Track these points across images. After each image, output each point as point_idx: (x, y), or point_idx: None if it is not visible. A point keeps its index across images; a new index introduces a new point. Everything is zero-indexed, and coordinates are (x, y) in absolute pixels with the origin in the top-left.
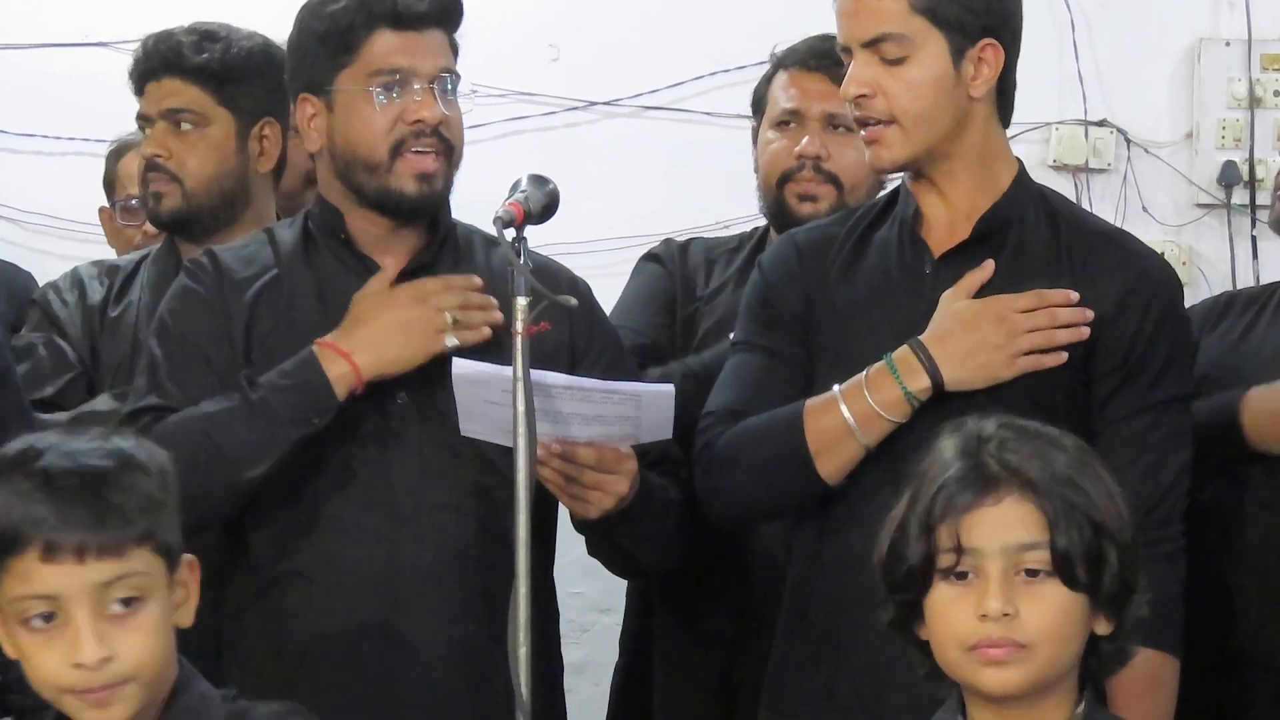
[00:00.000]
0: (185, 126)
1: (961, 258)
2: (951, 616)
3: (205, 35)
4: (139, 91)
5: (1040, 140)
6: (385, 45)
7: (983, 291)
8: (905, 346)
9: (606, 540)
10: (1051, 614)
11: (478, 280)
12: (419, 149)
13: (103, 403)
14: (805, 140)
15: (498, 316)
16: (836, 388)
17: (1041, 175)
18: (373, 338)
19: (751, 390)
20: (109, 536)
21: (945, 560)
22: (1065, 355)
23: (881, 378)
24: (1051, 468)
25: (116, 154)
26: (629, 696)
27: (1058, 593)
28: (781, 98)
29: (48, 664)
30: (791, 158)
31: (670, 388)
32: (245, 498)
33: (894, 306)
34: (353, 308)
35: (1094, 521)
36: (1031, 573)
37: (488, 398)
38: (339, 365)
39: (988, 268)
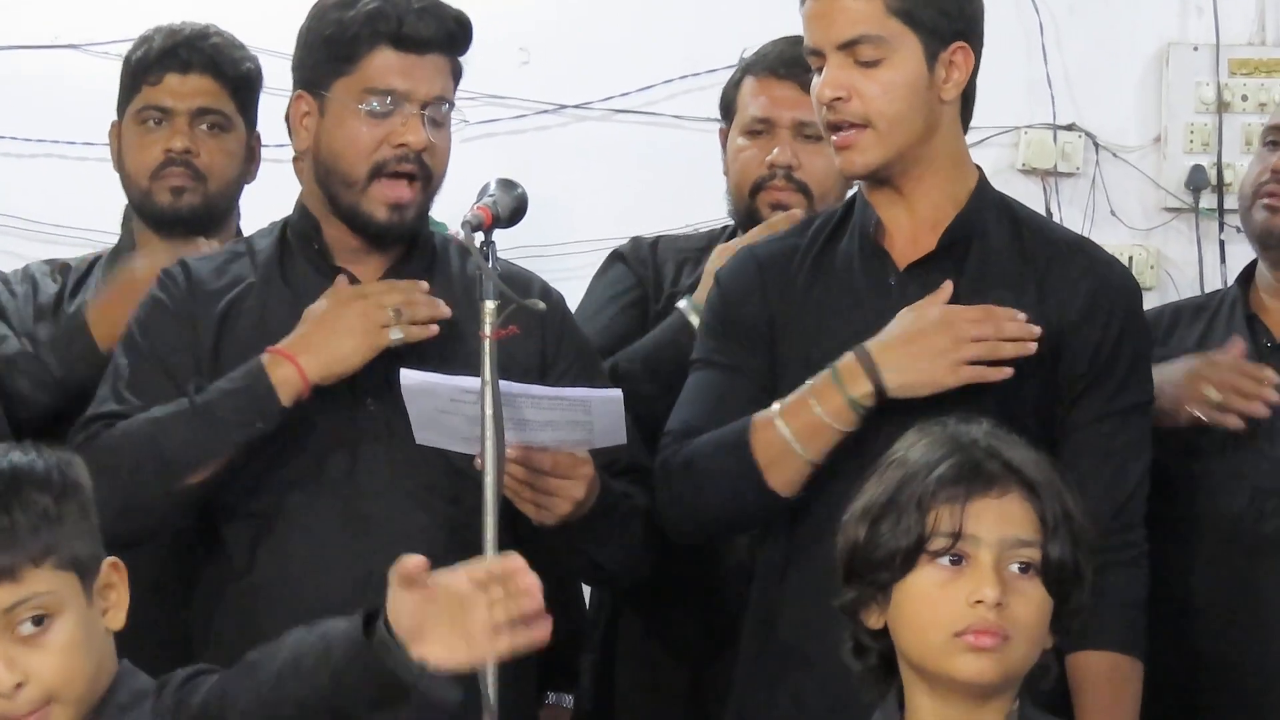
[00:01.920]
0: (213, 128)
1: (926, 269)
2: (939, 600)
3: (234, 44)
4: (154, 81)
5: (1009, 144)
6: (384, 63)
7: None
8: (850, 353)
9: (570, 547)
10: (1034, 609)
11: (424, 283)
12: (397, 171)
13: (10, 346)
14: (777, 150)
15: (444, 312)
16: (777, 404)
17: (1010, 179)
18: (316, 339)
19: (711, 407)
20: (2, 561)
21: (939, 543)
22: (1010, 370)
23: (826, 386)
24: (1047, 475)
25: None
26: (597, 697)
27: (1040, 592)
28: (751, 105)
29: None
30: (763, 166)
31: (618, 392)
32: (191, 504)
33: (859, 320)
34: (304, 315)
35: (1078, 537)
36: (1023, 568)
37: (438, 406)
38: (284, 369)
39: (946, 289)
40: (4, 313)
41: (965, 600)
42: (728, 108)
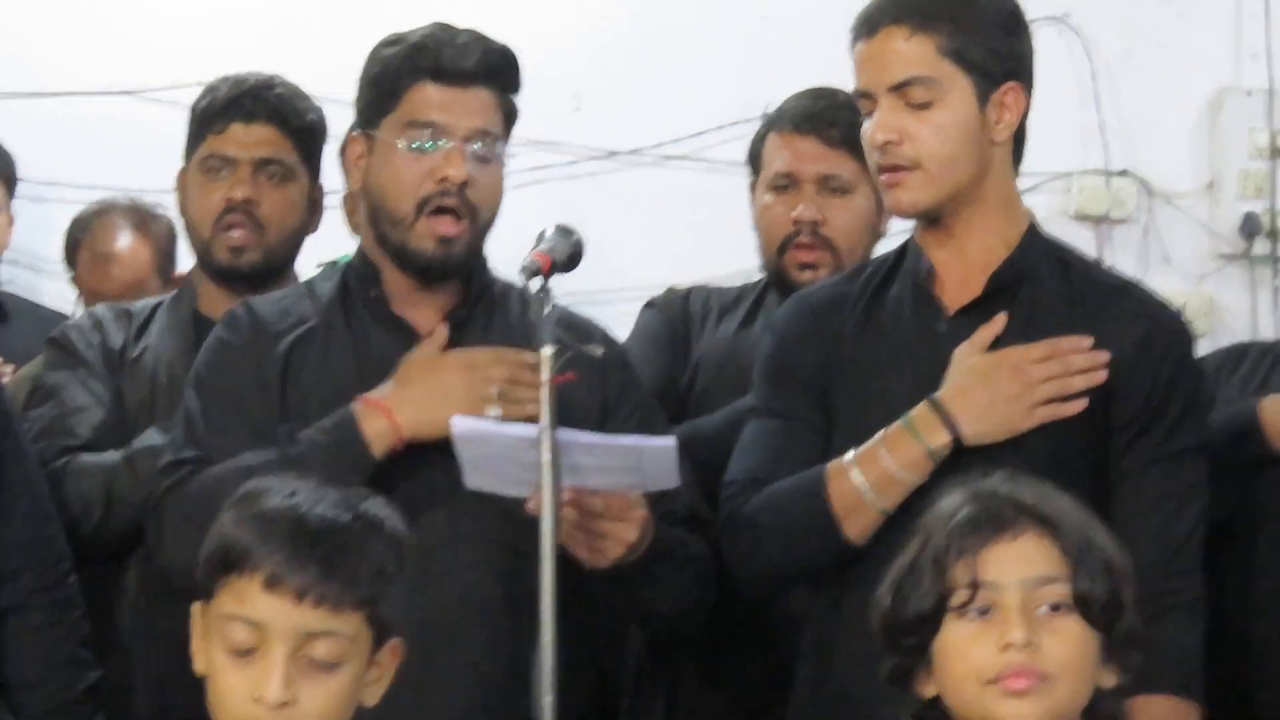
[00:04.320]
0: (275, 178)
1: (976, 314)
2: (970, 652)
3: (299, 94)
4: (219, 130)
5: (1062, 190)
6: (425, 97)
7: (997, 345)
8: (923, 404)
9: (624, 591)
10: (1072, 646)
11: (530, 357)
12: (441, 206)
13: (151, 437)
14: (801, 207)
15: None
16: (851, 453)
17: (1063, 225)
18: (417, 399)
19: (772, 456)
20: (331, 590)
21: (960, 597)
22: (1084, 402)
23: (900, 438)
24: (1065, 509)
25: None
26: None
27: (1078, 627)
28: (775, 161)
29: (232, 691)
30: (789, 224)
31: (672, 441)
32: None
33: (910, 366)
34: (401, 369)
35: (1109, 564)
36: (1054, 607)
37: (489, 453)
38: (379, 422)
39: (999, 321)
40: (85, 363)
41: (995, 647)
42: (754, 161)
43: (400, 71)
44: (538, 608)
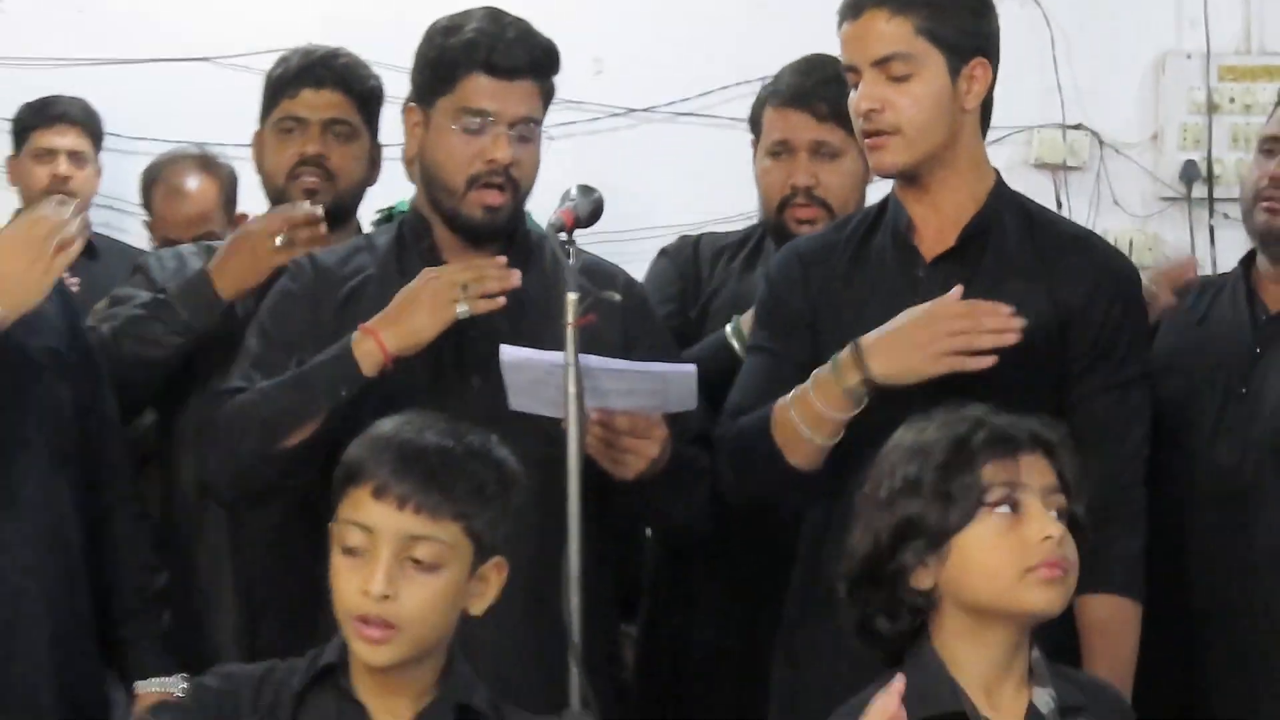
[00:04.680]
0: (341, 136)
1: (950, 261)
2: (1005, 543)
3: (360, 63)
4: (292, 95)
5: (1023, 142)
6: (477, 87)
7: (970, 293)
8: (848, 346)
9: (644, 500)
10: (1074, 548)
11: (502, 259)
12: (488, 183)
13: (143, 296)
14: (798, 174)
15: (514, 282)
16: (790, 393)
17: (1025, 173)
18: (395, 315)
19: (758, 390)
20: (429, 500)
21: (998, 493)
22: (990, 360)
23: (824, 378)
24: (1060, 438)
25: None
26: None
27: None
28: (772, 130)
29: (346, 588)
30: (786, 186)
31: (692, 368)
32: (294, 466)
33: (890, 308)
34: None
35: (1080, 484)
36: (1061, 514)
37: (533, 378)
38: (367, 343)
39: (956, 292)
40: (151, 279)
41: (1034, 538)
42: (754, 126)
43: (456, 62)
44: (562, 518)
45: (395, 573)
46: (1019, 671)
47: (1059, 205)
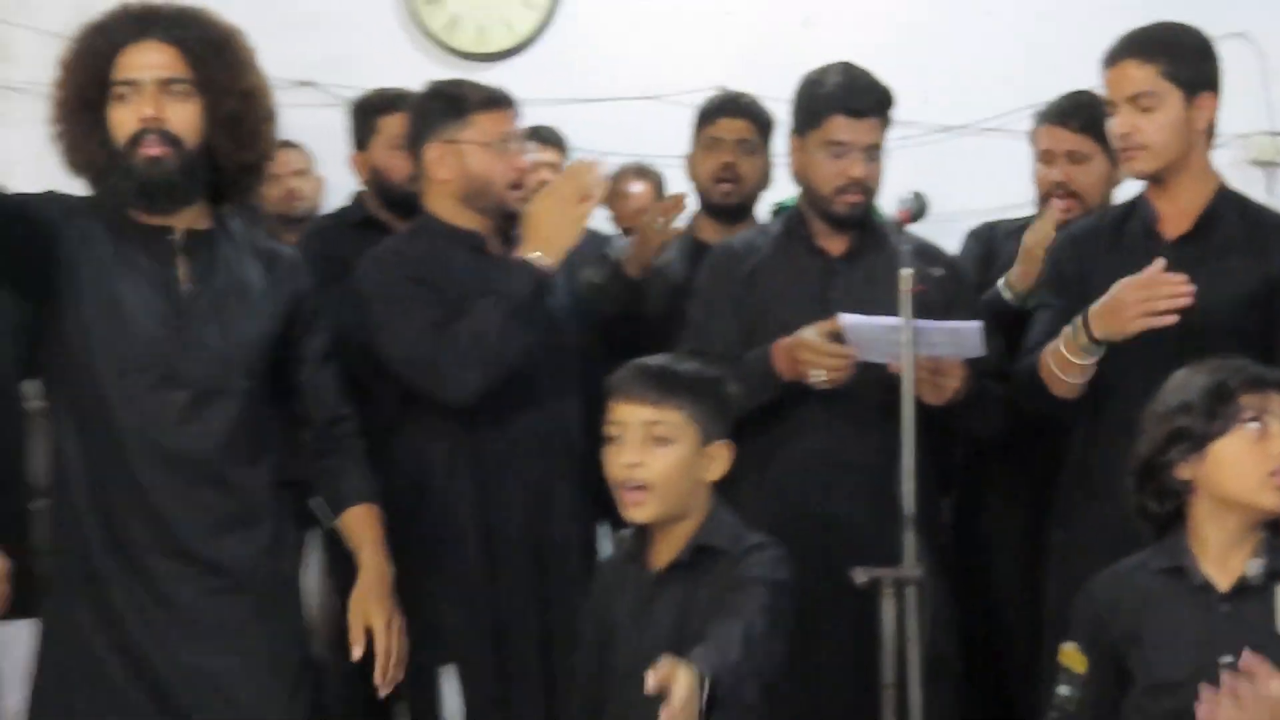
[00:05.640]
0: (749, 152)
1: (1186, 243)
2: (1253, 452)
3: (757, 100)
4: (717, 121)
5: (1240, 146)
6: (837, 124)
7: (1198, 269)
8: (1080, 312)
9: (954, 419)
10: None
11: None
12: (848, 191)
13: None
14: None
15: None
16: (1053, 342)
17: (1242, 170)
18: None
19: (1044, 334)
20: (654, 394)
21: (1251, 413)
22: (1173, 318)
23: (1068, 334)
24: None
25: None
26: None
27: None
28: (1040, 141)
29: (612, 466)
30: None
31: (978, 324)
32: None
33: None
34: None
35: None
36: None
37: (871, 336)
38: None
39: (1158, 264)
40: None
41: (1276, 450)
42: (1032, 139)
43: (823, 106)
44: (900, 429)
45: (639, 448)
46: (1248, 548)
47: (1269, 197)
